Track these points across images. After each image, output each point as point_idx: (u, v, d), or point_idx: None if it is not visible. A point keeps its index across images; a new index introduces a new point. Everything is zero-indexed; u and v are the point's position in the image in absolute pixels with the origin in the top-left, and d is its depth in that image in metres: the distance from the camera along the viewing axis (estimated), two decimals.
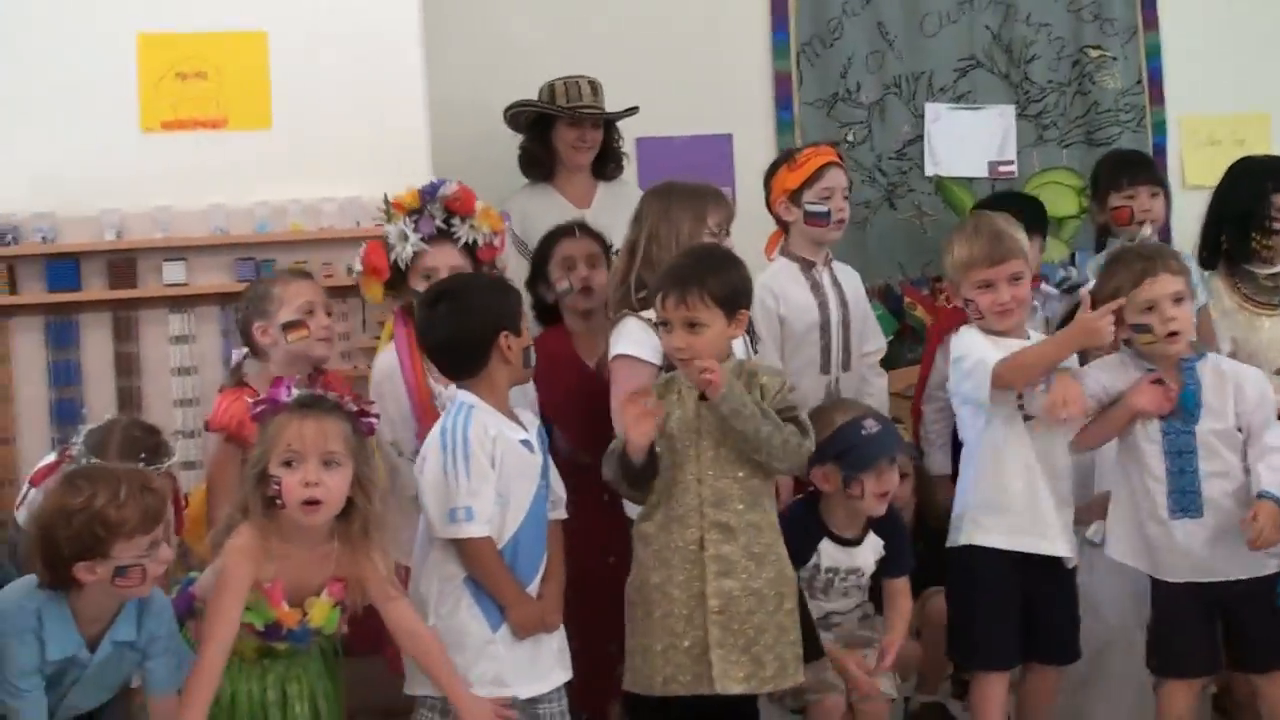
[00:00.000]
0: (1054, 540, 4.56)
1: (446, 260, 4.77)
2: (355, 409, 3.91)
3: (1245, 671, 4.65)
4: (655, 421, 4.09)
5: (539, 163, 6.15)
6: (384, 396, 4.65)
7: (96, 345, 5.60)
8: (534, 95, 6.22)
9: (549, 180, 6.17)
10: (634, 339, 4.60)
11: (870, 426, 4.50)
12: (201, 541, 4.24)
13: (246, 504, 3.81)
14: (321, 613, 3.84)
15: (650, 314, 4.47)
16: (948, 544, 4.68)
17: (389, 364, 4.75)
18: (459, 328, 4.11)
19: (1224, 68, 7.24)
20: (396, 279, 4.83)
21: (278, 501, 3.76)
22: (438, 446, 4.03)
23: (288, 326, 4.78)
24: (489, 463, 4.01)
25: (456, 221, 4.83)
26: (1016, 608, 4.58)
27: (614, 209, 5.71)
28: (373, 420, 3.95)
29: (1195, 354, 4.53)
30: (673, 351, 4.24)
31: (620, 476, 4.17)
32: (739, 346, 4.46)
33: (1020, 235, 4.64)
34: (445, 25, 6.30)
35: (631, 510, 4.38)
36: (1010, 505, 4.55)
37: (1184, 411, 4.45)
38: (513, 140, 6.24)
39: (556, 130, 6.15)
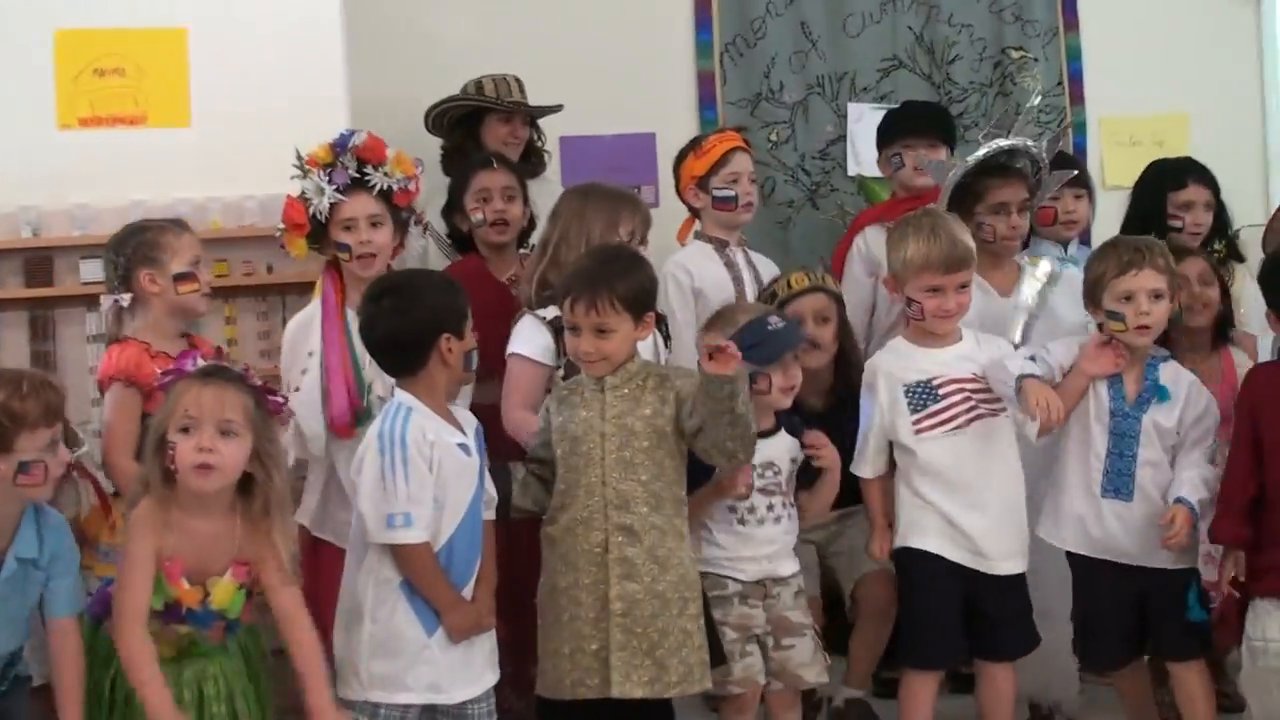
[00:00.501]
0: (987, 556, 4.60)
1: (364, 209, 4.82)
2: (260, 384, 3.89)
3: (1162, 658, 4.74)
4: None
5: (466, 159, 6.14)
6: (295, 345, 4.76)
7: (13, 344, 5.57)
8: (455, 94, 6.20)
9: None
10: (526, 338, 4.67)
11: (775, 322, 4.47)
12: (112, 537, 4.20)
13: (148, 476, 3.80)
14: (225, 593, 3.79)
15: (546, 312, 4.53)
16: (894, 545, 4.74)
17: (307, 315, 4.84)
18: (400, 326, 4.06)
19: (1143, 69, 7.31)
20: (317, 232, 4.86)
21: (170, 466, 3.74)
22: (375, 450, 3.97)
23: (180, 278, 4.74)
24: (427, 467, 3.97)
25: (370, 169, 4.86)
26: (954, 609, 4.61)
27: (537, 207, 5.71)
28: (280, 400, 3.94)
29: (1161, 354, 4.65)
30: (581, 355, 4.24)
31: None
32: (647, 347, 4.48)
33: (971, 241, 4.70)
34: (367, 23, 6.27)
35: None
36: (941, 513, 4.61)
37: (1147, 397, 4.58)
38: (433, 139, 6.21)
39: (486, 127, 6.15)
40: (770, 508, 4.51)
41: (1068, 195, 5.59)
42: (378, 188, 4.85)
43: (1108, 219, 5.99)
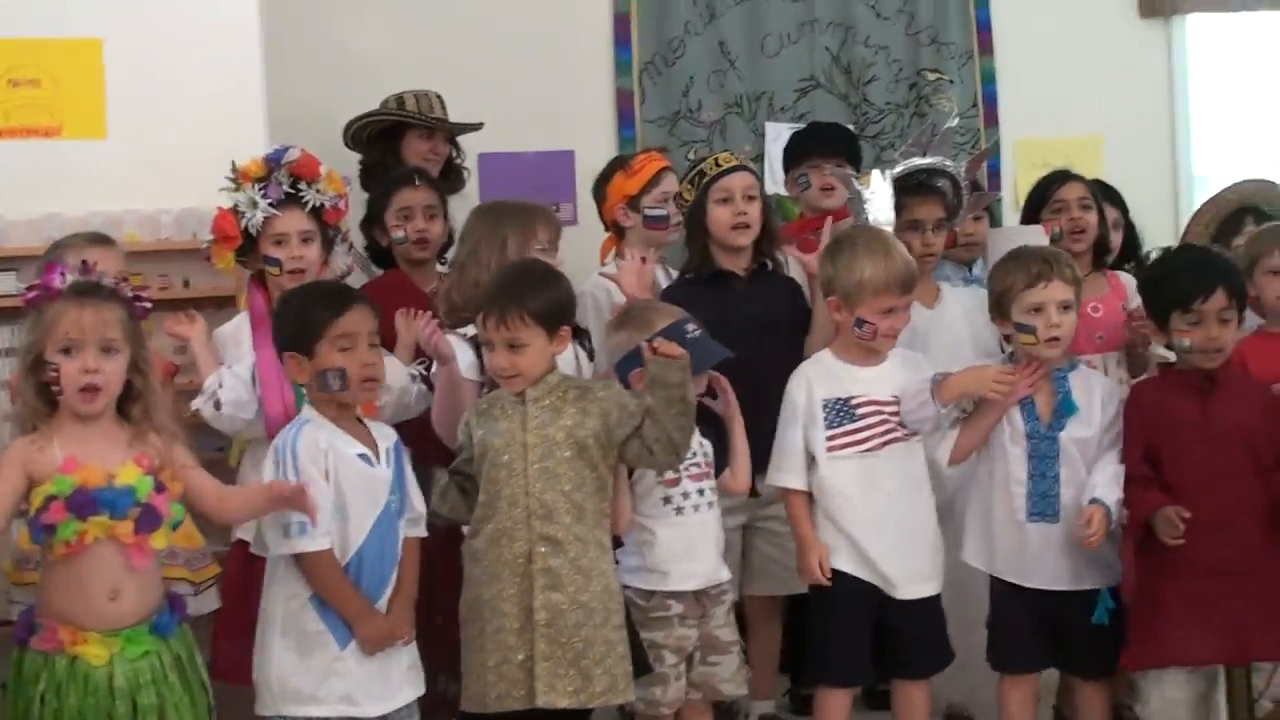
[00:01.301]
0: (891, 581, 4.61)
1: (296, 225, 4.85)
2: (130, 294, 3.88)
3: (1071, 673, 4.79)
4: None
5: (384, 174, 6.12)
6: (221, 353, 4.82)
7: None
8: (374, 109, 6.19)
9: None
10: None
11: (693, 330, 4.43)
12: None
13: (23, 398, 3.76)
14: (130, 474, 3.74)
15: (466, 330, 4.55)
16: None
17: (234, 327, 4.89)
18: (277, 340, 4.22)
19: (1057, 92, 7.41)
20: (246, 246, 4.88)
21: (54, 389, 3.72)
22: (271, 461, 4.02)
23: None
24: (322, 475, 3.98)
25: (303, 186, 4.88)
26: (864, 628, 4.62)
27: (455, 223, 5.70)
28: (146, 305, 3.92)
29: (1068, 364, 4.65)
30: (495, 370, 4.25)
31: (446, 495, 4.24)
32: (568, 361, 4.50)
33: (914, 261, 4.74)
34: (285, 36, 6.24)
35: None
36: (849, 534, 4.62)
37: (1062, 414, 4.58)
38: (353, 155, 6.19)
39: (407, 142, 6.15)
40: (701, 493, 4.48)
41: (967, 218, 5.62)
42: (310, 204, 4.87)
43: None
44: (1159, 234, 6.22)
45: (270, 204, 4.83)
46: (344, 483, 4.00)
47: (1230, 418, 4.43)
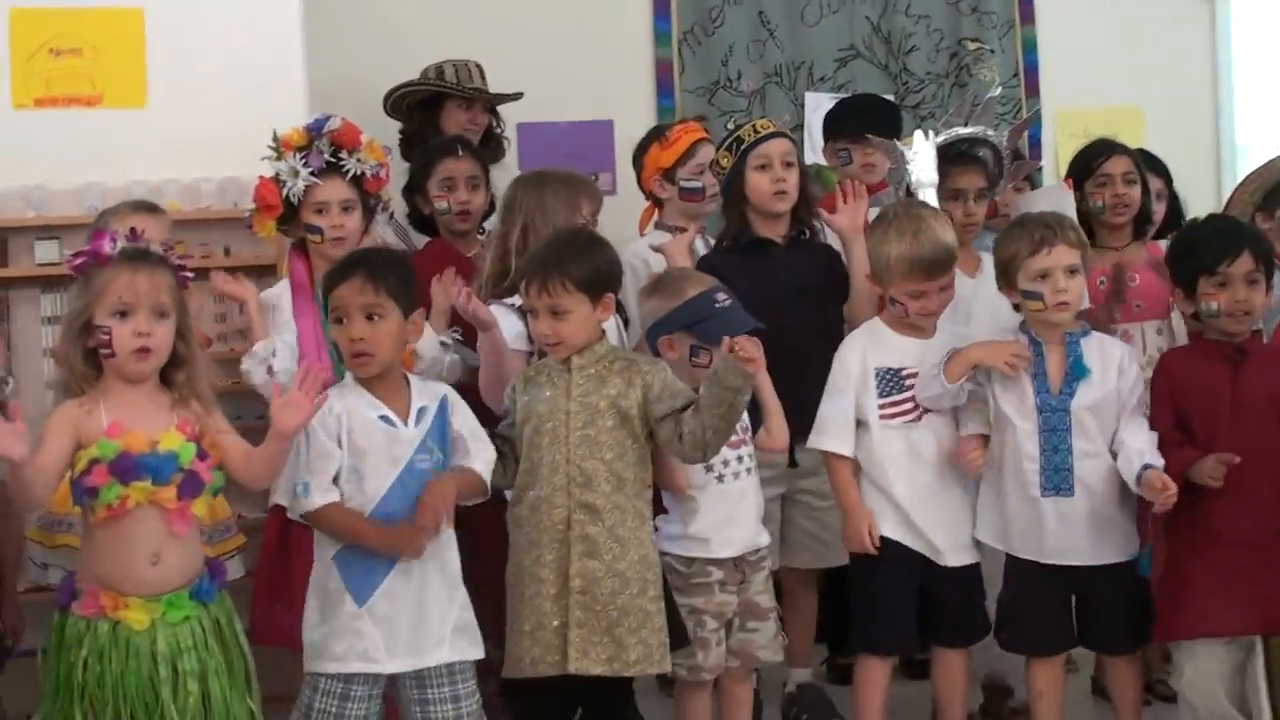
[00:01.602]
0: (938, 549, 4.62)
1: (337, 193, 4.88)
2: (176, 262, 3.92)
3: (1097, 651, 4.79)
4: None
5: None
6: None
7: None
8: (414, 79, 6.19)
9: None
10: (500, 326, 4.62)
11: (723, 300, 4.45)
12: (68, 505, 4.17)
13: (69, 361, 3.78)
14: (173, 440, 3.77)
15: (514, 299, 4.54)
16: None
17: (274, 294, 4.91)
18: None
19: (1099, 62, 7.37)
20: (288, 214, 4.91)
21: (104, 351, 3.75)
22: None
23: None
24: (332, 439, 4.01)
25: (344, 155, 4.91)
26: (909, 597, 4.63)
27: (496, 193, 5.71)
28: (189, 274, 3.95)
29: (1080, 330, 4.61)
30: (540, 338, 4.28)
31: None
32: (611, 330, 4.48)
33: (953, 237, 4.70)
34: (326, 6, 6.24)
35: None
36: (897, 502, 4.63)
37: (1073, 378, 4.52)
38: (393, 123, 6.20)
39: (446, 112, 6.15)
40: (740, 459, 4.49)
41: (1008, 187, 5.59)
42: (351, 173, 4.89)
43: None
44: (1201, 204, 6.17)
45: (311, 172, 4.85)
46: (360, 444, 4.02)
47: (1260, 387, 4.40)
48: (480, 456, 4.14)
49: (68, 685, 3.73)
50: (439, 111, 6.15)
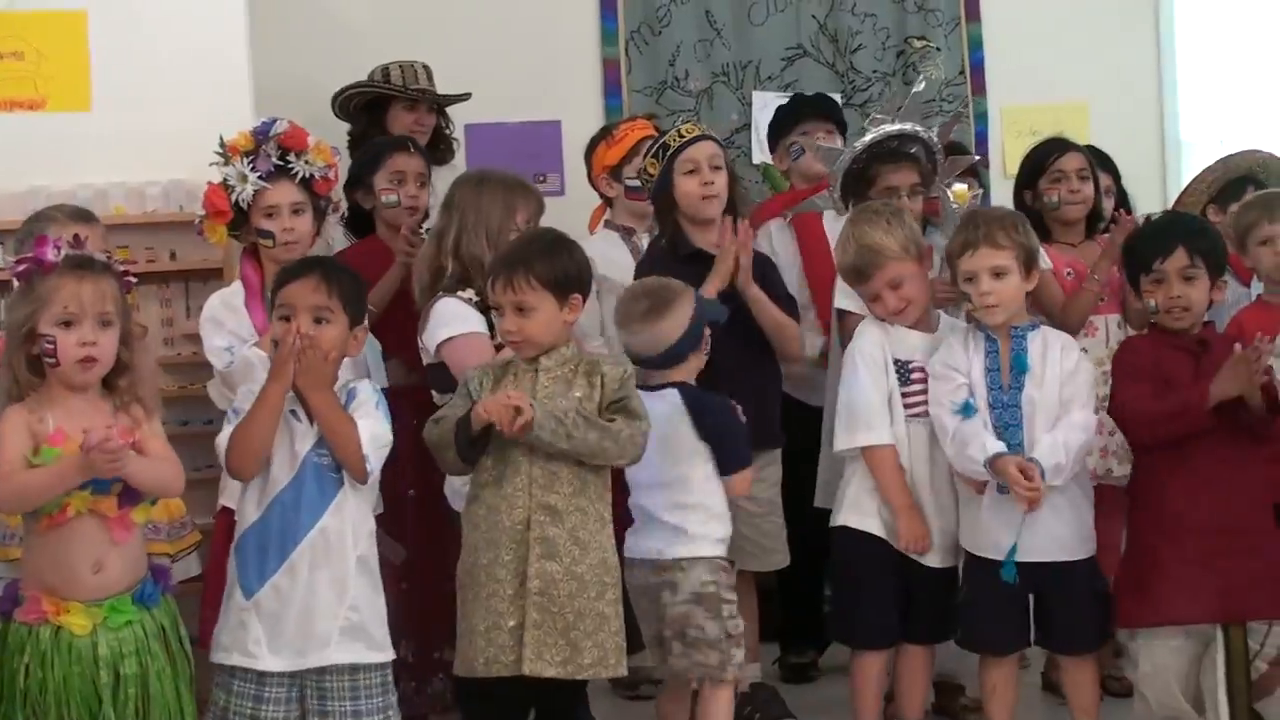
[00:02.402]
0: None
1: (286, 196, 4.84)
2: (121, 268, 3.91)
3: (1054, 652, 4.80)
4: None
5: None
6: (219, 320, 4.76)
7: None
8: (362, 79, 6.18)
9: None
10: (459, 317, 4.63)
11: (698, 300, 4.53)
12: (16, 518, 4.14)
13: (13, 371, 3.75)
14: None
15: (466, 294, 4.56)
16: (830, 523, 4.76)
17: (231, 294, 4.84)
18: None
19: (1043, 59, 7.39)
20: (239, 219, 4.87)
21: (48, 360, 3.73)
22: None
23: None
24: None
25: (292, 158, 4.87)
26: (892, 590, 4.65)
27: (437, 195, 5.70)
28: (132, 279, 3.93)
29: (1028, 324, 4.59)
30: (505, 335, 4.26)
31: (454, 442, 4.15)
32: (594, 327, 4.50)
33: (887, 238, 4.66)
34: (271, 6, 6.22)
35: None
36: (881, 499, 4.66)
37: (1016, 372, 4.52)
38: (340, 124, 6.18)
39: (392, 114, 6.13)
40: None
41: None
42: (300, 175, 4.86)
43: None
44: (1145, 200, 6.22)
45: (260, 177, 4.81)
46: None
47: None
48: (365, 421, 4.02)
49: (10, 692, 3.72)
50: (385, 113, 6.13)
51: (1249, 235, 4.96)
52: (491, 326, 4.56)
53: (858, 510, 4.67)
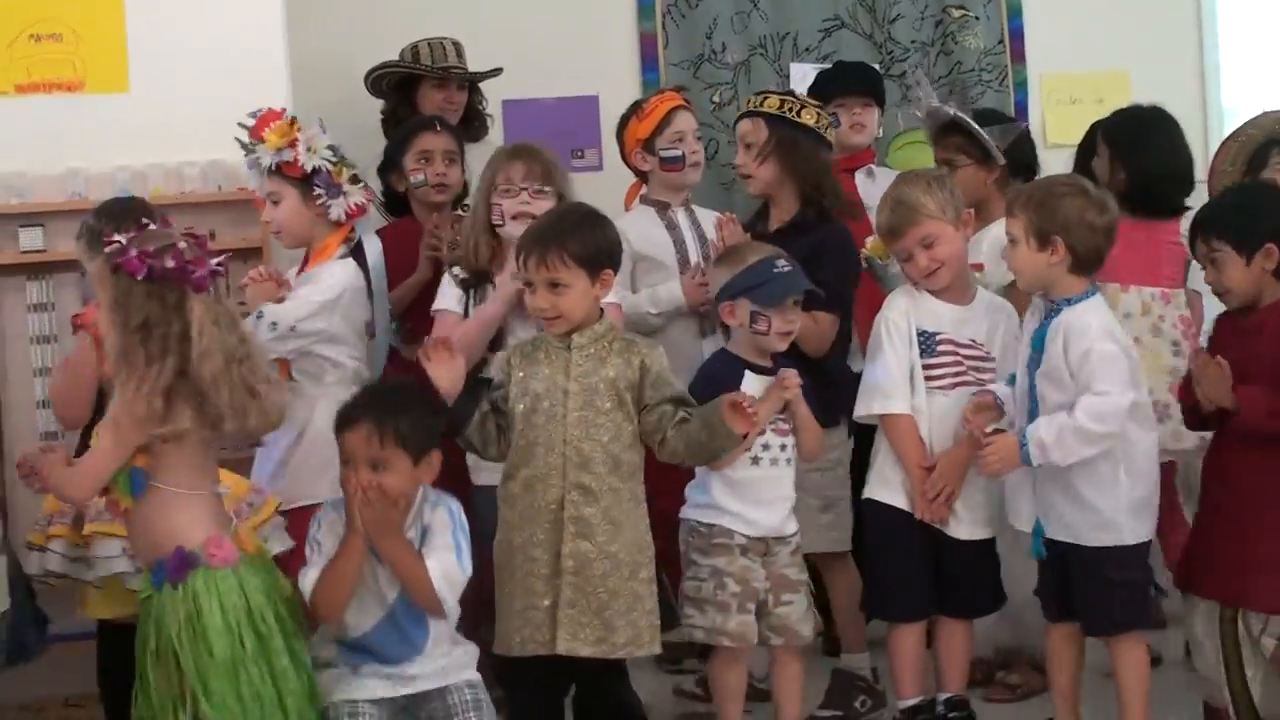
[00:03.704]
0: (959, 517, 4.62)
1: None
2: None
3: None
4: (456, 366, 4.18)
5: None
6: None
7: None
8: (396, 57, 6.17)
9: None
10: (442, 293, 4.82)
11: (782, 265, 4.50)
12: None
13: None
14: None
15: (455, 269, 4.76)
16: (863, 495, 4.77)
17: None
18: None
19: (1083, 26, 7.33)
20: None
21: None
22: None
23: None
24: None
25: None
26: (924, 562, 4.64)
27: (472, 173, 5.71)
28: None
29: (1063, 301, 4.43)
30: (537, 312, 4.26)
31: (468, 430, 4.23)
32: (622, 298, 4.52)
33: (925, 197, 4.66)
34: None
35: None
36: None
37: (1038, 354, 4.45)
38: (376, 102, 6.18)
39: (422, 92, 6.12)
40: (783, 448, 4.53)
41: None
42: (267, 166, 4.80)
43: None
44: None
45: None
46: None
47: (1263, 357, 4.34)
48: (436, 558, 3.90)
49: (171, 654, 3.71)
50: (415, 91, 6.13)
51: None
52: (468, 302, 4.74)
53: (884, 483, 4.67)
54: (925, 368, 4.63)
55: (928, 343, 4.64)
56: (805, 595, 4.57)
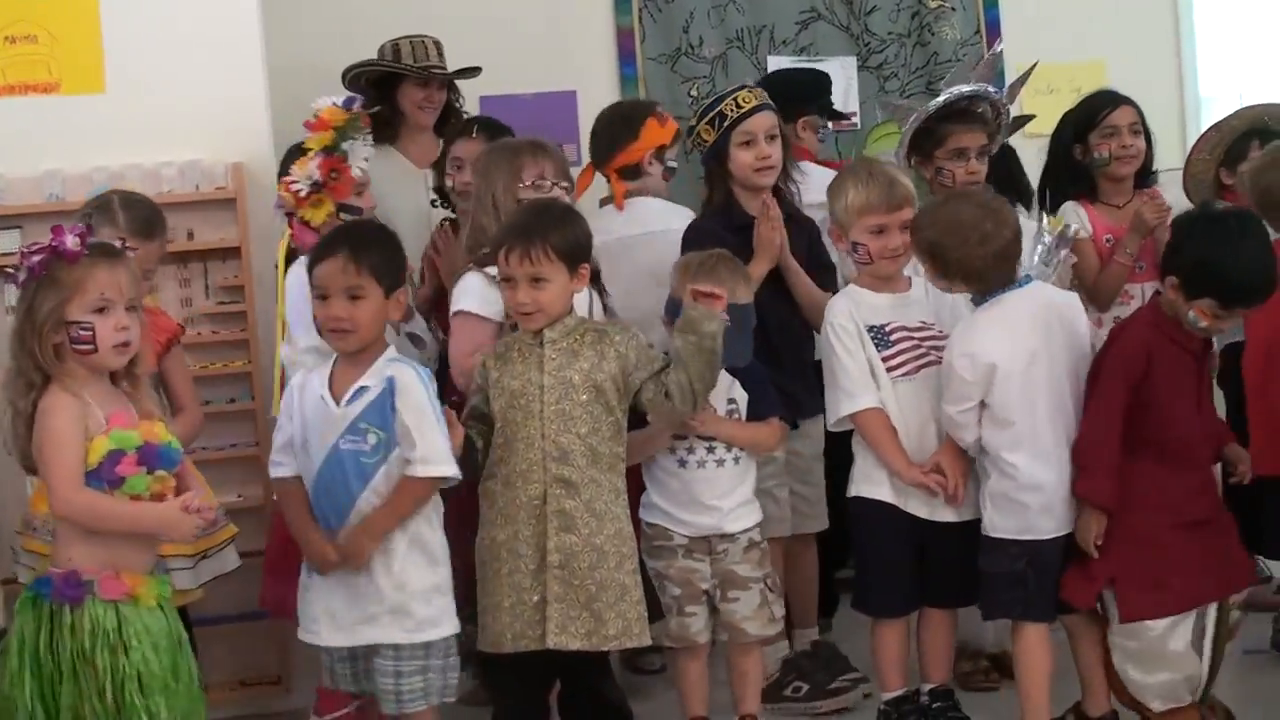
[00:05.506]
0: (935, 504, 4.61)
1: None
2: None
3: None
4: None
5: (385, 124, 6.07)
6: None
7: None
8: (373, 56, 6.17)
9: (392, 142, 6.12)
10: (476, 295, 4.63)
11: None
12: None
13: (34, 359, 3.77)
14: (164, 431, 3.89)
15: (492, 270, 4.49)
16: (848, 494, 4.75)
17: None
18: None
19: (1059, 16, 7.36)
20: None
21: (85, 347, 3.78)
22: None
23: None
24: (287, 414, 4.17)
25: None
26: (908, 558, 4.65)
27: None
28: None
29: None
30: (517, 307, 4.26)
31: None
32: (582, 302, 4.48)
33: (909, 184, 4.73)
34: None
35: None
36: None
37: None
38: None
39: (403, 90, 6.13)
40: (710, 449, 4.52)
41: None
42: None
43: (1026, 167, 6.04)
44: (1166, 156, 6.15)
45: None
46: (303, 418, 4.13)
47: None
48: (420, 453, 4.02)
49: (85, 673, 3.74)
50: (395, 89, 6.13)
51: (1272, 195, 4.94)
52: None
53: (868, 480, 4.67)
54: (884, 360, 4.62)
55: (881, 336, 4.63)
56: (759, 593, 4.57)
